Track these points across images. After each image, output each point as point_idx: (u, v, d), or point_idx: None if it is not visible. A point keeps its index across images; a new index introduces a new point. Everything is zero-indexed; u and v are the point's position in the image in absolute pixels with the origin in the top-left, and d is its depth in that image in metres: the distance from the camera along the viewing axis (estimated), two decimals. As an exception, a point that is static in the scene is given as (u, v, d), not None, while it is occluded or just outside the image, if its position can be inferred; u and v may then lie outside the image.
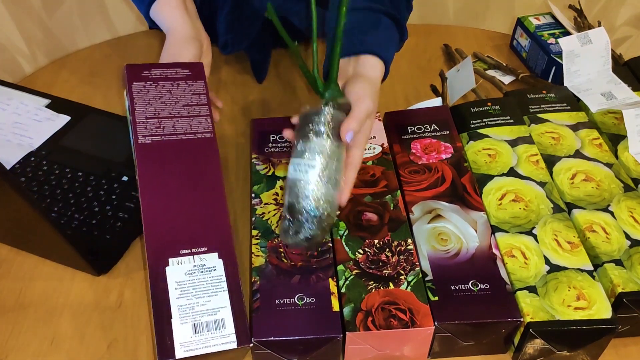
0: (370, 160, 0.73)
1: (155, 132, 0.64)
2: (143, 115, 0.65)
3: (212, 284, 0.59)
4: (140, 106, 0.65)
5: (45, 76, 0.97)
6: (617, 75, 0.87)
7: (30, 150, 0.81)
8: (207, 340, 0.56)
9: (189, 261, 0.59)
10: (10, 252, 0.72)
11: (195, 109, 0.67)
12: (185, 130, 0.65)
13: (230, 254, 0.60)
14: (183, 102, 0.67)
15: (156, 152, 0.64)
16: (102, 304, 0.67)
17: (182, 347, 0.56)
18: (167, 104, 0.66)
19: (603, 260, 0.63)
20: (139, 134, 0.64)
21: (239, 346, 0.57)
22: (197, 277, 0.59)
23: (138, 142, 0.63)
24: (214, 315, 0.57)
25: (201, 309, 0.57)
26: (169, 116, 0.65)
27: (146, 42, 1.04)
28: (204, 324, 0.57)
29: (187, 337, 0.56)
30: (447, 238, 0.65)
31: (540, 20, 1.00)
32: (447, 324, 0.58)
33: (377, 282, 0.61)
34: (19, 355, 0.63)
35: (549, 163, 0.73)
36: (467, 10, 1.28)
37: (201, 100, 0.67)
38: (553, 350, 0.60)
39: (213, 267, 0.59)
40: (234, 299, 0.58)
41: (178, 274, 0.59)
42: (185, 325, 0.57)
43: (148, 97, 0.66)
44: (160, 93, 0.67)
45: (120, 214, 0.74)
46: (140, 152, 0.63)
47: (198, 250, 0.60)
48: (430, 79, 0.97)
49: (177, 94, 0.67)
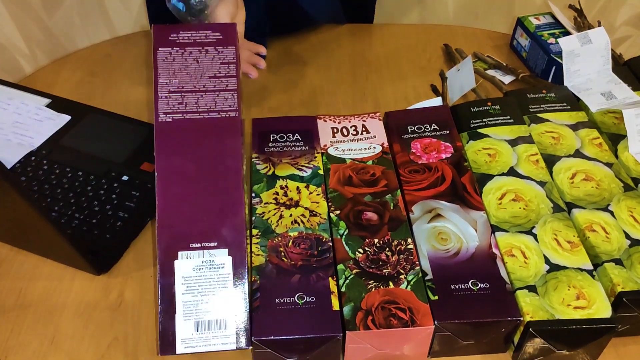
0: (370, 160, 0.73)
1: (177, 108, 0.62)
2: (166, 89, 0.62)
3: (219, 282, 0.58)
4: (163, 77, 0.63)
5: (46, 76, 0.97)
6: (617, 75, 0.87)
7: (31, 149, 0.81)
8: (207, 339, 0.57)
9: (198, 256, 0.58)
10: (11, 252, 0.72)
11: (222, 82, 0.63)
12: (209, 107, 0.62)
13: (240, 251, 0.59)
14: (210, 74, 0.63)
15: (176, 132, 0.61)
16: (102, 304, 0.67)
17: (183, 344, 0.56)
18: (193, 76, 0.63)
19: (603, 259, 0.63)
20: (160, 110, 0.61)
21: (237, 348, 0.57)
22: (204, 274, 0.58)
23: (158, 120, 0.61)
24: (216, 315, 0.57)
25: (205, 307, 0.57)
26: (193, 90, 0.62)
27: (146, 42, 1.04)
28: (206, 323, 0.57)
29: (189, 334, 0.56)
30: (447, 237, 0.65)
31: (540, 20, 1.00)
32: (447, 323, 0.58)
33: (377, 281, 0.61)
34: (19, 354, 0.63)
35: (549, 163, 0.73)
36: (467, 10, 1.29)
37: (230, 72, 0.64)
38: (553, 349, 0.60)
39: (222, 265, 0.58)
40: (238, 300, 0.58)
41: (186, 269, 0.58)
42: (188, 322, 0.57)
43: (173, 67, 0.63)
44: (187, 62, 0.63)
45: (120, 213, 0.74)
46: (159, 131, 0.61)
47: (209, 245, 0.59)
48: (430, 79, 0.97)
49: (204, 64, 0.64)
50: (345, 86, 0.96)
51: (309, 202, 0.68)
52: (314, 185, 0.70)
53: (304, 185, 0.70)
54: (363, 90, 0.96)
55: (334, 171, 0.71)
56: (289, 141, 0.75)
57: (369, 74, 0.99)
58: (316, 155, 0.73)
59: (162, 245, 0.58)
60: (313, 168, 0.71)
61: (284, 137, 0.75)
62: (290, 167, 0.72)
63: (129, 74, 0.97)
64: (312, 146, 0.74)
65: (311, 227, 0.66)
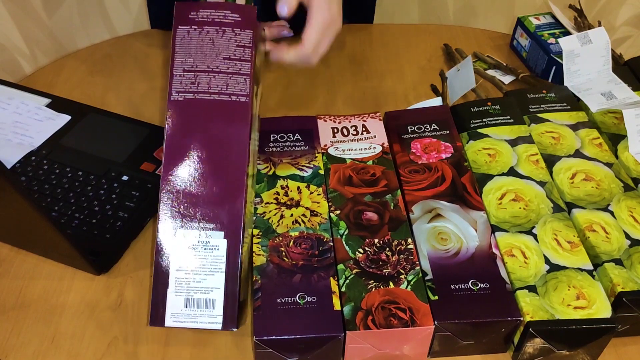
0: (370, 160, 0.73)
1: (190, 88, 0.63)
2: (181, 68, 0.63)
3: (212, 262, 0.59)
4: (180, 56, 0.64)
5: (46, 76, 0.97)
6: (617, 75, 0.87)
7: (31, 149, 0.81)
8: (195, 316, 0.58)
9: (195, 235, 0.60)
10: (11, 252, 0.72)
11: (236, 65, 0.64)
12: (220, 89, 0.63)
13: (236, 236, 0.60)
14: (224, 55, 0.64)
15: (186, 111, 0.62)
16: (102, 304, 0.67)
17: (172, 318, 0.59)
18: (207, 55, 0.64)
19: (603, 259, 0.63)
20: (174, 89, 0.63)
21: (223, 329, 0.59)
22: (199, 254, 0.60)
23: (171, 99, 0.62)
24: (206, 294, 0.59)
25: (196, 285, 0.59)
26: (206, 70, 0.63)
27: (146, 42, 1.04)
28: (195, 300, 0.59)
29: (178, 310, 0.58)
30: (447, 237, 0.65)
31: (541, 20, 1.00)
32: (447, 323, 0.58)
33: (377, 281, 0.61)
34: (19, 354, 0.63)
35: (549, 163, 0.73)
36: (467, 10, 1.29)
37: (244, 55, 0.64)
38: (553, 349, 0.60)
39: (216, 247, 0.60)
40: (229, 283, 0.59)
41: (182, 247, 0.60)
42: (179, 298, 0.59)
43: (190, 46, 0.64)
44: (203, 41, 0.64)
45: (120, 213, 0.74)
46: (171, 109, 0.62)
47: (207, 227, 0.60)
48: (430, 79, 0.97)
49: (219, 44, 0.64)
50: (345, 86, 0.96)
51: (310, 202, 0.68)
52: (315, 185, 0.70)
53: (305, 185, 0.70)
54: (363, 90, 0.96)
55: (334, 171, 0.71)
56: (289, 141, 0.75)
57: (369, 74, 0.99)
58: (316, 155, 0.73)
59: (162, 220, 0.60)
60: (313, 168, 0.71)
61: (284, 137, 0.75)
62: (290, 167, 0.72)
63: (129, 74, 0.98)
64: (313, 146, 0.74)
65: (312, 227, 0.66)
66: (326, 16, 0.67)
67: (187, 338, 0.64)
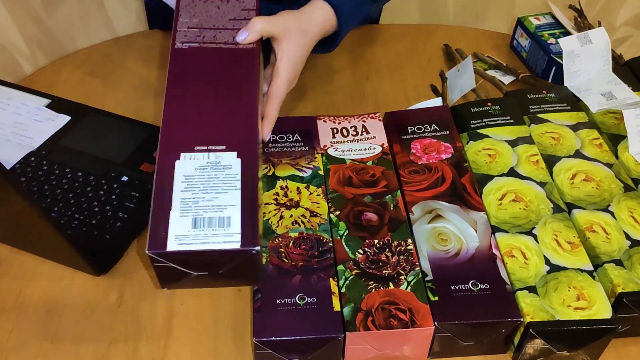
0: (370, 160, 0.73)
1: (195, 39, 0.61)
2: (185, 25, 0.62)
3: (225, 181, 0.54)
4: (184, 17, 0.63)
5: (45, 76, 0.97)
6: (617, 75, 0.87)
7: (31, 150, 0.81)
8: (206, 236, 0.51)
9: (202, 157, 0.55)
10: (11, 252, 0.72)
11: (242, 23, 0.63)
12: (226, 40, 0.62)
13: (252, 154, 0.56)
14: (230, 17, 0.64)
15: (191, 56, 0.60)
16: (102, 304, 0.67)
17: (177, 240, 0.51)
18: (213, 17, 0.63)
19: (603, 260, 0.63)
20: (177, 40, 0.61)
21: (243, 247, 0.51)
22: (209, 174, 0.54)
23: (174, 47, 0.61)
24: (219, 212, 0.52)
25: (206, 204, 0.52)
26: (212, 27, 0.62)
27: (146, 42, 1.04)
28: (205, 219, 0.52)
29: (184, 231, 0.51)
30: (447, 238, 0.65)
31: (541, 20, 1.00)
32: (447, 324, 0.58)
33: (377, 282, 0.61)
34: (19, 354, 0.63)
35: (549, 163, 0.73)
36: (467, 10, 1.28)
37: (249, 16, 0.64)
38: (553, 350, 0.60)
39: (228, 166, 0.55)
40: (247, 199, 0.53)
41: (188, 168, 0.54)
42: (185, 219, 0.51)
43: (194, 10, 0.64)
44: (207, 8, 0.64)
45: (120, 214, 0.74)
46: (174, 56, 0.61)
47: (215, 148, 0.56)
48: (430, 79, 0.97)
49: (225, 9, 0.64)
50: (345, 86, 0.96)
51: (309, 202, 0.68)
52: (314, 185, 0.70)
53: (304, 185, 0.70)
54: (363, 90, 0.96)
55: (334, 172, 0.71)
56: (288, 141, 0.75)
57: (369, 74, 0.99)
58: (316, 155, 0.73)
59: (163, 148, 0.55)
60: (313, 168, 0.71)
61: (283, 137, 0.75)
62: (290, 168, 0.71)
63: (129, 74, 0.97)
64: (312, 147, 0.74)
65: (312, 227, 0.65)
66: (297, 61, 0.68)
67: (187, 339, 0.64)
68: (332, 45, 0.78)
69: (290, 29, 0.67)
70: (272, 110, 0.65)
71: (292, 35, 0.68)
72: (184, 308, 0.67)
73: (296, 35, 0.68)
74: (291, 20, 0.68)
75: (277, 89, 0.66)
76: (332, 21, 0.73)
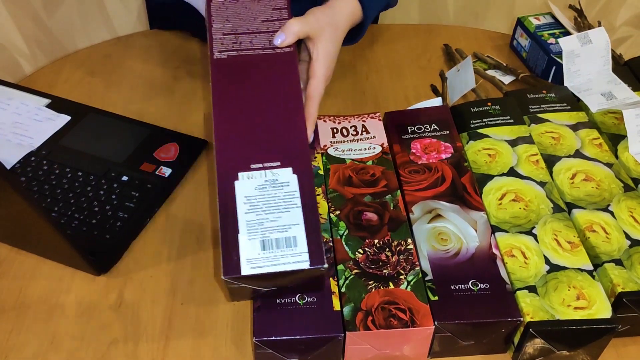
0: (370, 160, 0.73)
1: (232, 47, 0.62)
2: (220, 32, 0.62)
3: (285, 199, 0.55)
4: (217, 23, 0.63)
5: (45, 76, 0.97)
6: (617, 75, 0.87)
7: (31, 150, 0.81)
8: (276, 257, 0.52)
9: (260, 176, 0.56)
10: (10, 252, 0.72)
11: (276, 24, 0.63)
12: (263, 45, 0.62)
13: (306, 169, 0.56)
14: (262, 18, 0.64)
15: (231, 66, 0.61)
16: (102, 304, 0.67)
17: (249, 264, 0.52)
18: (246, 20, 0.63)
19: (603, 260, 0.63)
20: (215, 49, 0.61)
21: (312, 266, 0.52)
22: (268, 192, 0.55)
23: (213, 57, 0.61)
24: (284, 232, 0.53)
25: (271, 225, 0.54)
26: (247, 32, 0.62)
27: (146, 42, 1.04)
28: (273, 241, 0.53)
29: (255, 254, 0.52)
30: (447, 238, 0.65)
31: (540, 20, 1.00)
32: (447, 323, 0.58)
33: (377, 281, 0.61)
34: (18, 354, 0.63)
35: (549, 163, 0.73)
36: (467, 10, 1.28)
37: (282, 15, 0.64)
38: (553, 349, 0.60)
39: (286, 183, 0.56)
40: (309, 217, 0.54)
41: (248, 189, 0.55)
42: (253, 241, 0.53)
43: (226, 14, 0.64)
44: (239, 10, 0.64)
45: (120, 214, 0.74)
46: (215, 67, 0.61)
47: (270, 165, 0.56)
48: (430, 79, 0.97)
49: (256, 10, 0.64)
50: (345, 86, 0.96)
51: (309, 202, 0.68)
52: (314, 185, 0.69)
53: (304, 185, 0.70)
54: (363, 90, 0.96)
55: (334, 171, 0.71)
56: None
57: (369, 74, 0.99)
58: (316, 155, 0.73)
59: (221, 169, 0.56)
60: (313, 168, 0.71)
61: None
62: (290, 168, 0.71)
63: (129, 74, 0.97)
64: (312, 146, 0.74)
65: (311, 227, 0.65)
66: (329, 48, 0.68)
67: (187, 339, 0.64)
68: (357, 36, 0.78)
69: (323, 26, 0.67)
70: (313, 111, 0.64)
71: (325, 33, 0.67)
72: (183, 308, 0.67)
73: (329, 33, 0.68)
74: (323, 18, 0.68)
75: (315, 89, 0.66)
76: (359, 12, 0.73)
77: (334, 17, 0.69)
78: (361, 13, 0.74)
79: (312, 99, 0.65)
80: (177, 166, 0.80)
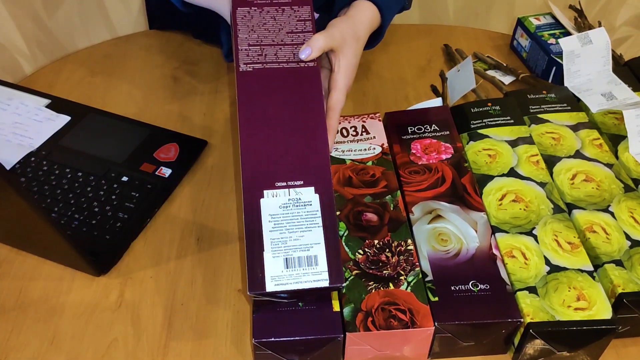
0: (370, 161, 0.73)
1: (257, 59, 0.63)
2: (245, 43, 0.63)
3: (307, 219, 0.57)
4: (243, 32, 0.64)
5: (45, 76, 0.97)
6: (618, 76, 0.87)
7: (31, 150, 0.81)
8: (298, 276, 0.55)
9: (284, 194, 0.58)
10: (11, 252, 0.72)
11: (300, 37, 0.64)
12: (287, 58, 0.63)
13: (327, 189, 0.58)
14: (287, 29, 0.65)
15: (257, 80, 0.62)
16: (102, 304, 0.67)
17: (273, 281, 0.55)
18: (271, 31, 0.64)
19: (603, 260, 0.63)
20: (241, 61, 0.62)
21: (331, 285, 0.55)
22: (292, 211, 0.57)
23: (239, 70, 0.62)
24: (306, 251, 0.56)
25: (294, 243, 0.56)
26: (271, 44, 0.64)
27: (146, 43, 1.04)
28: (296, 259, 0.56)
29: (279, 271, 0.55)
30: (447, 238, 0.65)
31: (541, 21, 1.00)
32: (447, 324, 0.58)
33: (377, 282, 0.61)
34: (18, 354, 0.63)
35: (549, 163, 0.73)
36: (467, 10, 1.28)
37: (306, 27, 0.65)
38: (553, 350, 0.60)
39: (309, 202, 0.58)
40: (329, 237, 0.57)
41: (272, 207, 0.57)
42: (277, 259, 0.55)
43: (251, 23, 0.64)
44: (264, 19, 0.65)
45: (120, 214, 0.74)
46: (240, 79, 0.62)
47: (294, 184, 0.58)
48: (431, 79, 0.97)
49: (281, 20, 0.65)
50: (345, 86, 0.96)
51: (309, 202, 0.68)
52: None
53: (304, 186, 0.69)
54: (363, 90, 0.96)
55: (334, 172, 0.71)
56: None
57: (369, 74, 0.99)
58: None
59: (247, 184, 0.58)
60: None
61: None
62: (290, 168, 0.71)
63: (129, 74, 0.97)
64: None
65: (311, 228, 0.65)
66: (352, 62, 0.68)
67: (187, 339, 0.64)
68: (375, 41, 0.79)
69: (346, 39, 0.68)
70: (334, 123, 0.65)
71: (348, 45, 0.68)
72: (183, 308, 0.67)
73: (351, 45, 0.69)
74: (346, 30, 0.69)
75: (337, 101, 0.66)
76: (377, 18, 0.74)
77: (355, 28, 0.70)
78: (379, 18, 0.74)
79: (334, 110, 0.66)
80: (177, 166, 0.80)
